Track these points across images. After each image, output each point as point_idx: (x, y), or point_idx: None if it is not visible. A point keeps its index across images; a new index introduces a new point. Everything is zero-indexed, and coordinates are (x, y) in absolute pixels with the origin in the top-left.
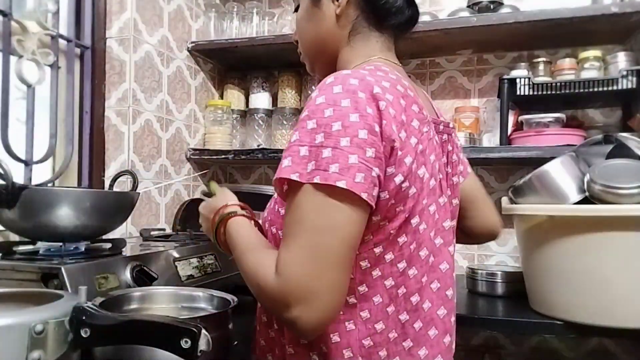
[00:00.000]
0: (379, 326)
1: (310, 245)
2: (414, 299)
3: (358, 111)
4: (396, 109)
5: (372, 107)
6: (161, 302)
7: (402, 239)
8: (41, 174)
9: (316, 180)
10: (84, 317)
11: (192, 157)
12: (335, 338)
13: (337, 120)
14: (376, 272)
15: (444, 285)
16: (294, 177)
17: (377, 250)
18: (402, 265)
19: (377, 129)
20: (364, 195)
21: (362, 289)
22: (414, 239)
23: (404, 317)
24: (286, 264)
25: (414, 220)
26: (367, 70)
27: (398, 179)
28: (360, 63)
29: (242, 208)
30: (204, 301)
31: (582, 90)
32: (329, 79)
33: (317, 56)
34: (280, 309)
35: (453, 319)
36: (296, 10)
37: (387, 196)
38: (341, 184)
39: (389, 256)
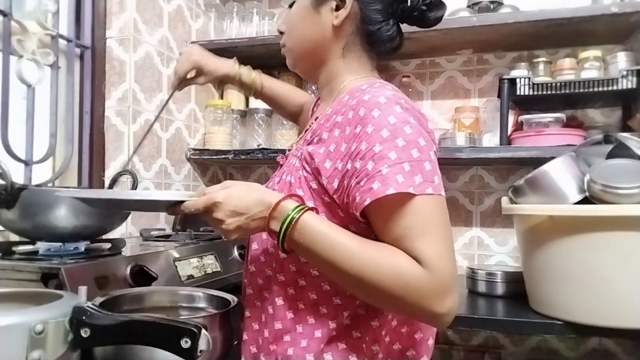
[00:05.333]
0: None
1: (446, 240)
2: None
3: (423, 127)
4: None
5: (426, 124)
6: (161, 302)
7: None
8: (41, 174)
9: (428, 191)
10: (84, 317)
11: (192, 157)
12: (337, 301)
13: (419, 136)
14: None
15: None
16: (410, 190)
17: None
18: None
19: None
20: (444, 193)
21: None
22: None
23: None
24: (437, 259)
25: None
26: (390, 88)
27: None
28: (355, 78)
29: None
30: (204, 301)
31: (582, 90)
32: (380, 97)
33: (303, 57)
34: (434, 303)
35: None
36: (291, 5)
37: None
38: (443, 193)
39: None
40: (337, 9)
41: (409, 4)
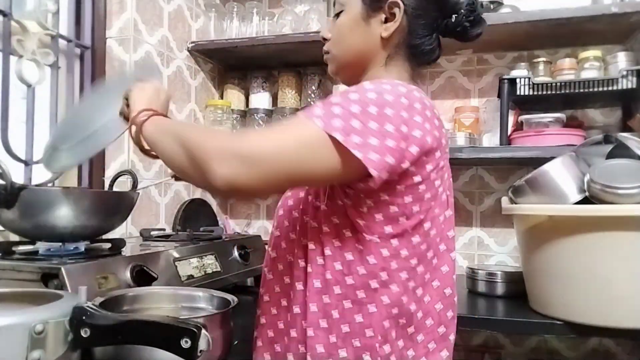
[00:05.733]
0: (395, 311)
1: (285, 145)
2: (419, 292)
3: (394, 109)
4: (431, 124)
5: (408, 113)
6: (161, 302)
7: (415, 239)
8: (41, 174)
9: (336, 135)
10: (84, 317)
11: None
12: (358, 318)
13: (375, 105)
14: (394, 264)
15: (443, 285)
16: (317, 121)
17: (394, 242)
18: (414, 261)
19: (405, 129)
20: (374, 172)
21: (384, 276)
22: (425, 240)
23: (413, 307)
24: (257, 135)
25: (427, 225)
26: (415, 88)
27: (417, 178)
28: None
29: None
30: (204, 301)
31: (582, 90)
32: (384, 83)
33: (349, 65)
34: (217, 158)
35: (450, 313)
36: (337, 15)
37: (403, 189)
38: (356, 153)
39: (404, 252)
40: (387, 21)
41: (453, 20)
